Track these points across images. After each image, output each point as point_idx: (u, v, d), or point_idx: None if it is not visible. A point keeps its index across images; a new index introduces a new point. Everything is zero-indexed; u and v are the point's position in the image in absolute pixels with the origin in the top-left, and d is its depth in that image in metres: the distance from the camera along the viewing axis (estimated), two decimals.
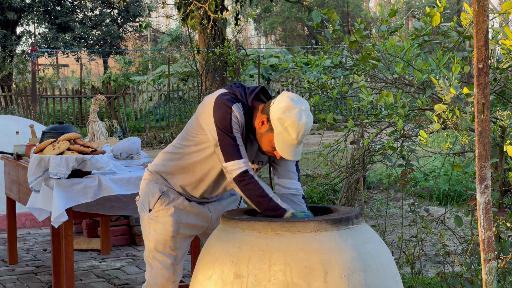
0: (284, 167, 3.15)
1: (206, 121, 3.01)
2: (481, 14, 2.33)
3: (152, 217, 3.27)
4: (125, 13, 26.58)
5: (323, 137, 13.57)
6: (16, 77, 21.51)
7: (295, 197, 3.13)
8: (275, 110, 2.89)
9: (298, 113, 2.85)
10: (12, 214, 5.99)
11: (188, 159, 3.18)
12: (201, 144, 3.11)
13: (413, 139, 4.50)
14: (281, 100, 2.89)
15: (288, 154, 2.91)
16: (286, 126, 2.86)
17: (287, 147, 2.90)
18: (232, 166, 2.95)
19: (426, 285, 4.78)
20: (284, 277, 2.61)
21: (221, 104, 2.95)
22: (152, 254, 3.28)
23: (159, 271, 3.27)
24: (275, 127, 2.89)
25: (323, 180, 7.23)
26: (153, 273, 3.30)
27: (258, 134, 3.00)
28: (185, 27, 14.52)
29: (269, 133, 2.93)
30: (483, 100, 2.33)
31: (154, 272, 3.29)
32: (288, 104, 2.86)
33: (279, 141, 2.90)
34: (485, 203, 2.37)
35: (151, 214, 3.27)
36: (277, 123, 2.88)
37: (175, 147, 3.25)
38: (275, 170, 3.17)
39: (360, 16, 27.76)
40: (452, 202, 8.46)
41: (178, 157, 3.21)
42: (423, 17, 4.02)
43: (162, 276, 3.28)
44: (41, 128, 7.63)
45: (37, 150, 4.45)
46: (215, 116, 2.95)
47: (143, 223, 3.32)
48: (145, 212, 3.30)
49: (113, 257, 6.26)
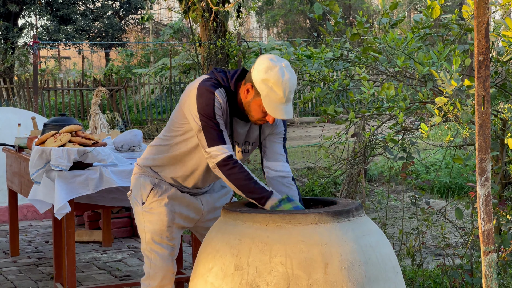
0: (272, 149, 3.16)
1: (189, 108, 3.00)
2: (482, 6, 2.33)
3: (146, 209, 3.25)
4: (127, 6, 26.53)
5: (324, 129, 13.55)
6: (17, 70, 21.50)
7: (285, 179, 3.13)
8: (257, 73, 2.90)
9: (280, 70, 2.87)
10: (14, 206, 6.01)
11: (176, 150, 3.16)
12: (187, 133, 3.10)
13: (414, 132, 4.51)
14: (261, 63, 2.91)
15: (279, 113, 2.89)
16: (271, 85, 2.86)
17: (276, 106, 2.89)
18: (216, 151, 2.95)
19: (427, 278, 4.79)
20: (285, 269, 2.62)
21: (204, 91, 2.95)
22: (150, 247, 3.26)
23: (158, 263, 3.25)
24: (260, 90, 2.89)
25: (324, 172, 7.24)
26: (152, 266, 3.27)
27: (245, 104, 2.98)
28: (186, 20, 14.51)
29: (256, 98, 2.93)
30: (483, 92, 2.33)
31: (153, 265, 3.26)
32: (268, 64, 2.88)
33: (267, 102, 2.89)
34: (485, 196, 2.37)
35: (144, 206, 3.25)
36: (262, 85, 2.88)
37: (161, 140, 3.23)
38: (264, 153, 3.17)
39: (362, 9, 27.70)
40: (453, 195, 8.46)
41: (166, 149, 3.20)
42: (424, 10, 4.01)
43: (162, 268, 3.25)
44: (42, 120, 7.63)
45: (39, 142, 4.46)
46: (198, 103, 2.95)
47: (137, 216, 3.30)
48: (138, 206, 3.27)
49: (115, 249, 6.28)
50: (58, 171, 4.27)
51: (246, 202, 3.08)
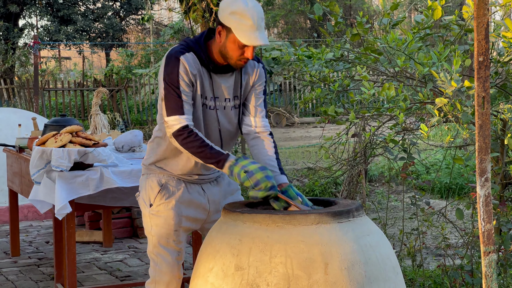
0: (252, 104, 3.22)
1: (159, 78, 3.06)
2: (482, 7, 2.33)
3: (153, 212, 3.22)
4: (127, 6, 26.53)
5: (325, 130, 13.55)
6: (18, 70, 21.51)
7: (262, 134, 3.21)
8: (222, 11, 2.96)
9: (243, 1, 2.94)
10: (15, 206, 6.01)
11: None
12: None
13: (414, 132, 4.51)
14: (224, 1, 2.99)
15: (253, 40, 2.94)
16: (238, 16, 2.92)
17: (250, 34, 2.94)
18: (173, 121, 2.99)
19: (427, 278, 4.79)
20: (285, 269, 2.62)
21: (170, 57, 3.01)
22: (156, 250, 3.24)
23: (164, 268, 3.22)
24: (230, 24, 2.95)
25: (324, 173, 7.24)
26: (157, 270, 3.24)
27: (221, 48, 3.02)
28: (187, 20, 14.53)
29: (229, 35, 2.98)
30: (483, 93, 2.34)
31: (159, 269, 3.24)
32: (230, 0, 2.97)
33: (239, 32, 2.94)
34: (485, 196, 2.38)
35: (152, 209, 3.23)
36: (231, 19, 2.94)
37: (156, 132, 3.24)
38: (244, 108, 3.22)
39: (362, 9, 27.70)
40: (454, 195, 8.46)
41: (163, 141, 3.19)
42: (424, 10, 4.01)
43: (167, 273, 3.23)
44: (43, 120, 7.64)
45: (39, 142, 4.47)
46: (165, 71, 3.01)
47: (145, 219, 3.29)
48: (146, 208, 3.26)
49: (115, 249, 6.28)
50: (59, 172, 4.28)
51: (246, 202, 3.08)
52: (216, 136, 3.17)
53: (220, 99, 3.15)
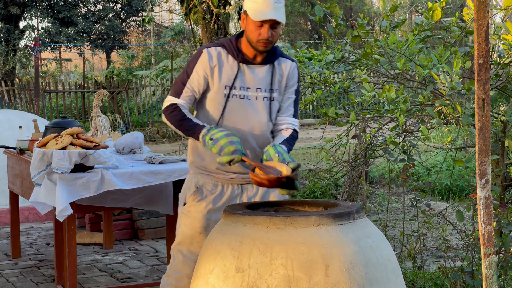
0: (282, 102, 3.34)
1: None
2: (482, 9, 2.34)
3: (184, 212, 3.35)
4: (128, 8, 26.53)
5: (325, 131, 13.55)
6: (19, 72, 21.51)
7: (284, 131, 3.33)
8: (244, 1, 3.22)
9: None
10: (15, 208, 6.01)
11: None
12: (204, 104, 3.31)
13: (415, 134, 4.51)
14: None
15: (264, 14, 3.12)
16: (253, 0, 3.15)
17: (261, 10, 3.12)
18: (167, 101, 3.24)
19: (428, 280, 4.79)
20: (285, 271, 2.62)
21: (198, 50, 3.24)
22: (178, 247, 3.36)
23: (179, 264, 3.34)
24: (247, 7, 3.18)
25: (325, 174, 7.24)
26: (172, 266, 3.38)
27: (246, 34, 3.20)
28: (188, 22, 14.53)
29: (248, 18, 3.18)
30: (483, 95, 2.34)
31: (174, 265, 3.37)
32: None
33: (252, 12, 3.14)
34: (485, 198, 2.38)
35: (184, 208, 3.36)
36: (248, 2, 3.18)
37: None
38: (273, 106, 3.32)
39: (363, 11, 27.71)
40: (454, 197, 8.46)
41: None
42: (424, 12, 4.02)
43: (179, 271, 3.35)
44: (44, 122, 7.64)
45: (40, 144, 4.47)
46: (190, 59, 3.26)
47: (178, 216, 3.42)
48: (180, 206, 3.39)
49: (116, 251, 6.28)
50: (60, 174, 4.28)
51: (248, 204, 3.09)
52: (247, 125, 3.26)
53: (252, 90, 3.26)
